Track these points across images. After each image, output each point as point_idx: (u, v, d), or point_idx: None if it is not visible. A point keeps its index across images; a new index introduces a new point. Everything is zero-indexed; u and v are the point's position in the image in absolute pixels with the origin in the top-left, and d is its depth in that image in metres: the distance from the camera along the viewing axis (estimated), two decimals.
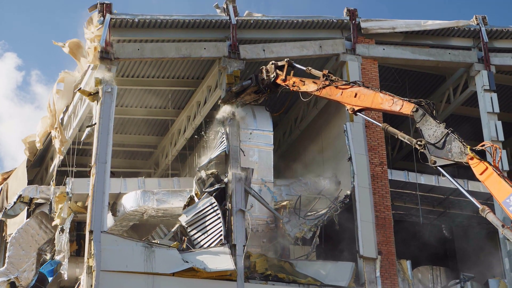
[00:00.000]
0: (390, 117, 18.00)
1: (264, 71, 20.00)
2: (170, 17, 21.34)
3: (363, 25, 23.60)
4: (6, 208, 23.89)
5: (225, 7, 22.13)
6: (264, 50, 22.21)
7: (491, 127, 23.60)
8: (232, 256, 19.35)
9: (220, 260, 19.26)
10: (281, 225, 21.51)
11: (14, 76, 27.24)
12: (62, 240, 21.51)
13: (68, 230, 21.47)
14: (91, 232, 18.20)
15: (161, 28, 21.42)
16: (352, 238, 21.30)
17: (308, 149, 25.37)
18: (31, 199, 23.35)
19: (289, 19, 22.77)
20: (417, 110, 16.14)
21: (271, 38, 22.75)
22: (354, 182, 21.60)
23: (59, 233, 21.73)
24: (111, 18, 20.36)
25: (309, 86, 18.71)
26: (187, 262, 18.84)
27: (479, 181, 15.89)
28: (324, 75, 18.37)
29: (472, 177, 17.18)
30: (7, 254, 22.79)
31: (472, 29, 24.66)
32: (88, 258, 18.00)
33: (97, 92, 19.73)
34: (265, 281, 19.70)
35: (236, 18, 22.03)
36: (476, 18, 24.77)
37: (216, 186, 20.55)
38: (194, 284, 18.71)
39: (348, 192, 21.78)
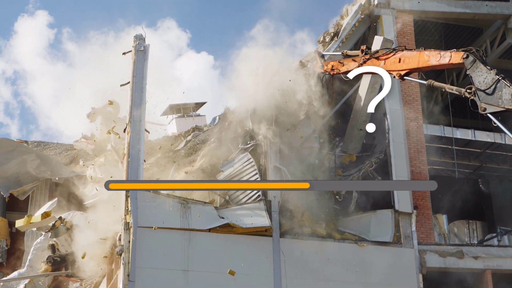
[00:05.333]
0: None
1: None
2: None
3: None
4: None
5: None
6: None
7: None
8: (268, 212, 19.50)
9: (256, 216, 19.39)
10: None
11: (46, 34, 27.47)
12: None
13: None
14: None
15: None
16: (387, 193, 21.30)
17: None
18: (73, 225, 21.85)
19: None
20: (467, 57, 15.97)
21: None
22: (389, 137, 21.54)
23: None
24: None
25: (350, 65, 18.31)
26: (223, 218, 19.03)
27: None
28: (362, 51, 18.13)
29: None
30: (28, 257, 22.40)
31: None
32: (125, 215, 18.28)
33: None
34: (301, 236, 19.85)
35: None
36: None
37: (252, 142, 20.64)
38: (230, 239, 18.92)
39: (383, 148, 21.73)
